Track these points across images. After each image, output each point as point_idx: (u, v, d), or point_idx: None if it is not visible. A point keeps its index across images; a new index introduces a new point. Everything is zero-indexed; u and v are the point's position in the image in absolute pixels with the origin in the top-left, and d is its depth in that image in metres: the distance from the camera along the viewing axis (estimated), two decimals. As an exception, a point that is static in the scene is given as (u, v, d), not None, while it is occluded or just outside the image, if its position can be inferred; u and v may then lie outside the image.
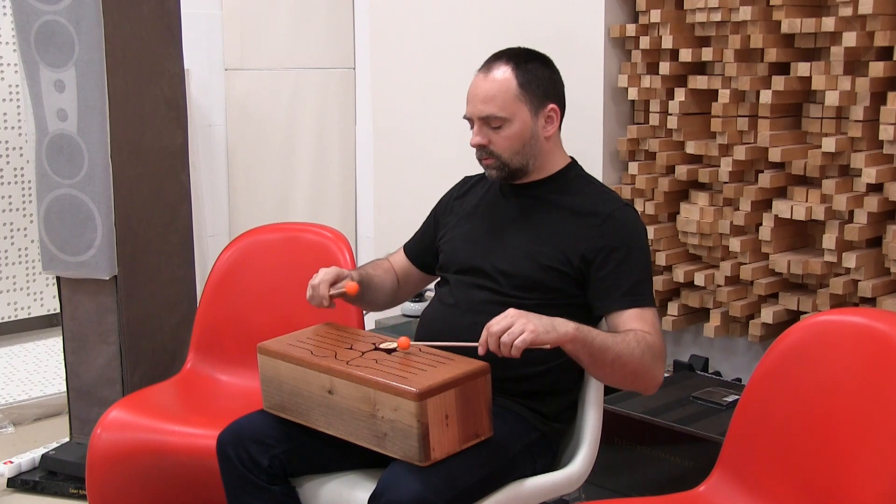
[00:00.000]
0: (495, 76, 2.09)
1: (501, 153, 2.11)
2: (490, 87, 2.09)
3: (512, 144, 2.10)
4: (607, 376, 2.01)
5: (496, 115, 2.08)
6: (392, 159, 4.05)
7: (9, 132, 3.99)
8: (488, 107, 2.08)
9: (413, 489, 1.81)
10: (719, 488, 2.02)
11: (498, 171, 2.13)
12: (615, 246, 2.06)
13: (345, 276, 2.17)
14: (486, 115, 2.09)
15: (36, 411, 3.59)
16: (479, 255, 2.17)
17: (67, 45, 2.84)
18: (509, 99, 2.08)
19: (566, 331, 1.87)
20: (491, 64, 2.12)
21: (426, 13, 3.79)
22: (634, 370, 1.97)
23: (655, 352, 1.99)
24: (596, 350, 1.91)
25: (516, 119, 2.09)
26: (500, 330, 1.84)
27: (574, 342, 1.88)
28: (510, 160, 2.11)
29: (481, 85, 2.11)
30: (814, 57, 2.81)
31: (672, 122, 3.02)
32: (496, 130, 2.09)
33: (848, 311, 2.12)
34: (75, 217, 2.92)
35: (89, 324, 3.01)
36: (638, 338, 1.97)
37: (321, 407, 1.98)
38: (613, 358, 1.93)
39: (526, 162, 2.13)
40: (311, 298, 2.14)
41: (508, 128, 2.09)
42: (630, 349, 1.94)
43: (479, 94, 2.10)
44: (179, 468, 2.39)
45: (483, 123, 2.10)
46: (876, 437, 1.80)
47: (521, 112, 2.09)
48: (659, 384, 2.03)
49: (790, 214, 2.77)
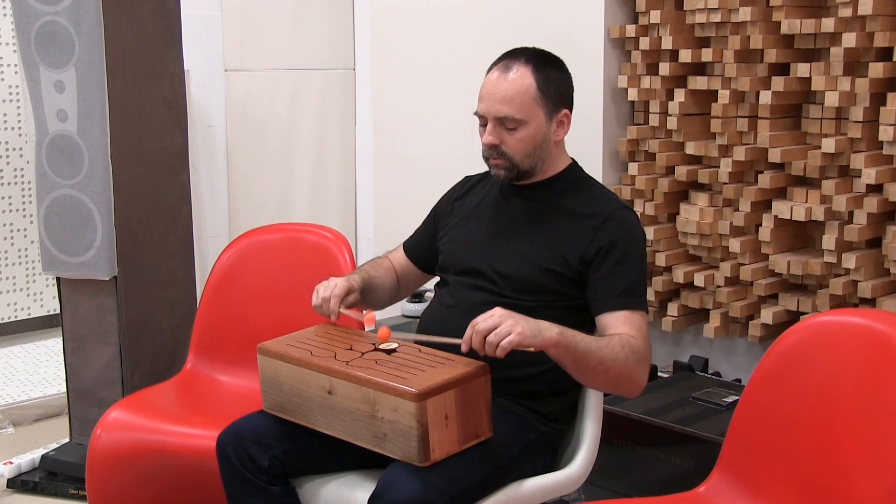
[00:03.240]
0: (514, 77, 2.06)
1: (513, 155, 2.09)
2: (509, 88, 2.06)
3: (524, 147, 2.09)
4: (590, 380, 2.01)
5: (513, 116, 2.06)
6: (392, 160, 4.06)
7: (9, 133, 4.00)
8: (506, 108, 2.06)
9: (413, 490, 1.81)
10: (719, 489, 2.02)
11: (506, 171, 2.12)
12: (612, 247, 2.06)
13: (355, 288, 2.16)
14: (502, 116, 2.06)
15: (36, 412, 3.58)
16: (478, 256, 2.17)
17: (67, 46, 2.84)
18: (527, 101, 2.06)
19: (550, 336, 1.87)
20: (509, 63, 2.09)
21: (426, 14, 3.79)
22: (617, 375, 1.96)
23: (640, 356, 1.98)
24: (579, 355, 1.91)
25: (532, 122, 2.07)
26: (486, 329, 1.84)
27: (558, 347, 1.88)
28: (521, 162, 2.10)
29: (500, 84, 2.07)
30: (813, 58, 2.81)
31: (672, 123, 3.02)
32: (510, 132, 2.08)
33: (848, 311, 2.12)
34: (75, 218, 2.92)
35: (89, 324, 3.01)
36: (623, 342, 1.96)
37: (321, 407, 1.98)
38: (596, 363, 1.93)
39: (535, 164, 2.12)
40: (318, 309, 2.12)
41: (523, 130, 2.07)
42: (614, 354, 1.94)
43: (496, 94, 2.07)
44: (179, 469, 2.39)
45: (497, 123, 2.08)
46: (876, 438, 1.80)
47: (538, 115, 2.08)
48: (642, 388, 2.03)
49: (790, 215, 2.77)
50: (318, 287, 2.14)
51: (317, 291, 2.14)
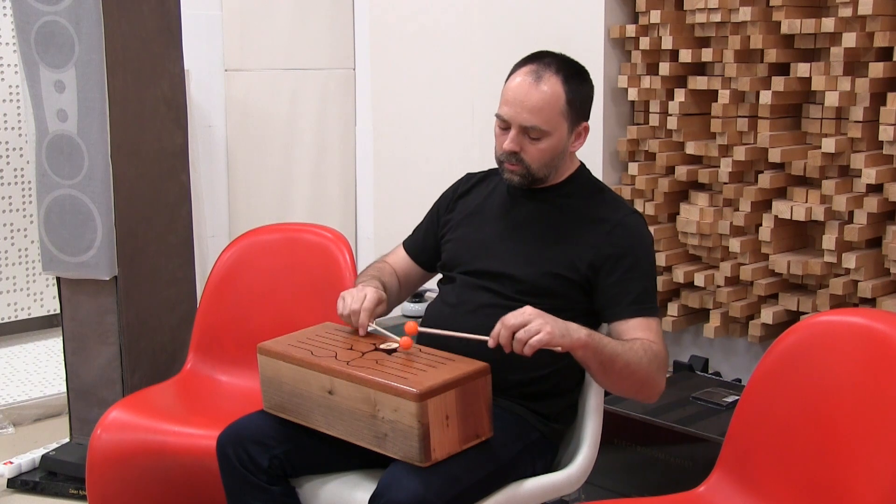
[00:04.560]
0: (546, 88, 2.03)
1: (531, 163, 2.07)
2: (539, 99, 2.02)
3: (543, 156, 2.07)
4: (614, 384, 2.01)
5: (540, 127, 2.03)
6: (392, 159, 4.06)
7: (9, 133, 4.00)
8: (534, 118, 2.03)
9: (413, 489, 1.81)
10: (719, 489, 2.02)
11: (521, 178, 2.10)
12: (623, 254, 2.05)
13: (384, 299, 2.12)
14: (529, 126, 2.04)
15: (36, 412, 3.58)
16: (484, 257, 2.16)
17: (67, 46, 2.84)
18: (555, 114, 2.04)
19: (579, 336, 1.87)
20: (540, 71, 2.05)
21: (426, 14, 3.79)
22: (641, 379, 1.97)
23: (660, 362, 1.99)
24: (606, 358, 1.91)
25: (555, 134, 2.05)
26: (516, 325, 1.84)
27: (586, 349, 1.88)
28: (537, 171, 2.08)
29: (531, 93, 2.03)
30: (813, 58, 2.81)
31: (672, 123, 3.02)
32: (533, 141, 2.05)
33: (848, 311, 2.12)
34: (75, 217, 2.92)
35: (89, 324, 3.00)
36: (644, 347, 1.97)
37: (321, 407, 1.98)
38: (622, 366, 1.93)
39: (549, 172, 2.11)
40: (346, 318, 2.08)
41: (546, 141, 2.05)
42: (638, 358, 1.94)
43: (525, 102, 2.03)
44: (179, 469, 2.39)
45: (521, 131, 2.05)
46: (876, 437, 1.80)
47: (561, 127, 2.06)
48: (661, 393, 2.03)
49: (790, 215, 2.77)
50: (344, 294, 2.10)
51: (343, 299, 2.09)
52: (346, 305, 2.08)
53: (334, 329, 2.15)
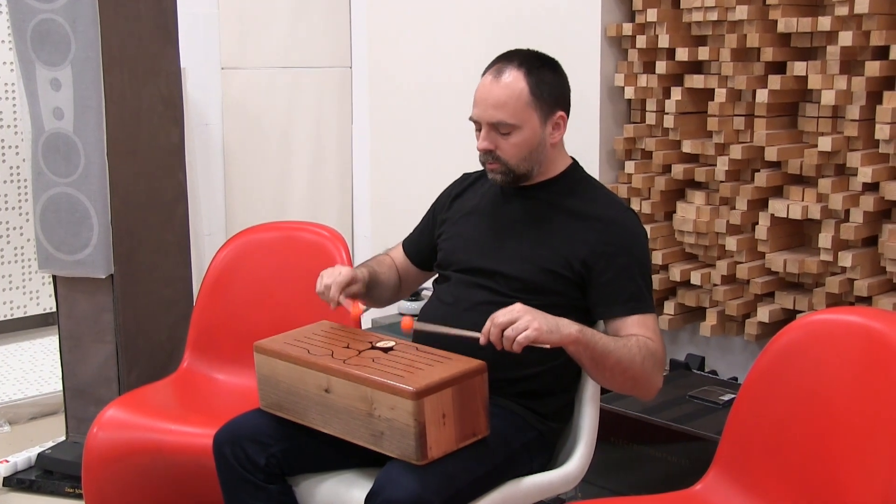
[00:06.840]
0: (507, 81, 2.05)
1: (508, 159, 2.08)
2: (501, 93, 2.04)
3: (519, 151, 2.08)
4: (607, 380, 2.01)
5: (506, 121, 2.05)
6: (389, 158, 4.05)
7: (5, 131, 3.99)
8: (499, 113, 2.05)
9: (410, 488, 1.81)
10: (715, 487, 2.02)
11: (503, 175, 2.11)
12: (618, 251, 2.05)
13: (358, 279, 2.16)
14: (495, 122, 2.05)
15: (32, 410, 3.58)
16: (479, 255, 2.16)
17: (63, 44, 2.83)
18: (521, 106, 2.05)
19: (569, 332, 1.87)
20: (502, 67, 2.08)
21: (423, 12, 3.79)
22: (634, 376, 1.97)
23: (657, 359, 1.99)
24: (598, 354, 1.92)
25: (526, 126, 2.06)
26: (504, 322, 1.84)
27: (577, 344, 1.89)
28: (517, 166, 2.09)
29: (492, 89, 2.06)
30: (810, 56, 2.81)
31: (668, 122, 3.02)
32: (504, 136, 2.06)
33: (844, 310, 2.13)
34: (71, 216, 2.92)
35: (85, 323, 3.00)
36: (640, 344, 1.97)
37: (318, 406, 1.98)
38: (614, 363, 1.93)
39: (531, 168, 2.11)
40: (321, 294, 2.13)
41: (517, 135, 2.06)
42: (631, 355, 1.95)
43: (489, 99, 2.06)
44: (176, 467, 2.39)
45: (491, 129, 2.07)
46: (872, 436, 1.80)
47: (531, 119, 2.06)
48: (657, 390, 2.03)
49: (786, 213, 2.77)
50: (322, 273, 2.14)
51: (321, 277, 2.13)
52: (322, 282, 2.12)
53: (331, 327, 2.15)
